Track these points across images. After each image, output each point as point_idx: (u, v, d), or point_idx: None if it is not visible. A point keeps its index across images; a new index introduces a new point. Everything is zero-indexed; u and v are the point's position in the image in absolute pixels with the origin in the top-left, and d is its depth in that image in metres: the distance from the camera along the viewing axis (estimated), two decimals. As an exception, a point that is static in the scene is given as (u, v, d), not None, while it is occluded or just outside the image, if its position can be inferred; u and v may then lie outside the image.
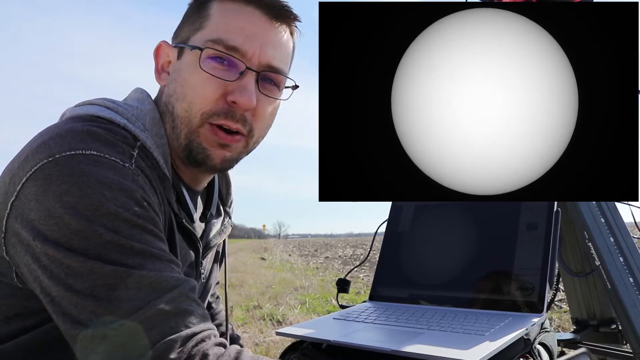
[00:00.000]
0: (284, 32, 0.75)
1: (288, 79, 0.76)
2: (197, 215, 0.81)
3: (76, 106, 0.70)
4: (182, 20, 0.76)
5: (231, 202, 0.94)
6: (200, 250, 0.80)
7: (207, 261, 0.88)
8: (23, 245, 0.57)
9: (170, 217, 0.69)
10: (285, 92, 0.78)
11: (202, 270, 0.84)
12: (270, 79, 0.73)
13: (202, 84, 0.69)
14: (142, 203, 0.58)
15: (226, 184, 0.93)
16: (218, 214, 0.89)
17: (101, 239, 0.54)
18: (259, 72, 0.71)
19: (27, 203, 0.56)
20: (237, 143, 0.72)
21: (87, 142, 0.58)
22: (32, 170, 0.56)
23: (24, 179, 0.57)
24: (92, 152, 0.58)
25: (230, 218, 0.92)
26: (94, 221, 0.54)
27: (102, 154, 0.58)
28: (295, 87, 0.78)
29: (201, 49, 0.69)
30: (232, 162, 0.74)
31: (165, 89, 0.74)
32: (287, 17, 0.74)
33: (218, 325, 1.07)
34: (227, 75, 0.69)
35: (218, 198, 0.89)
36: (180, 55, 0.73)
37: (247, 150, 0.76)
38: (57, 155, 0.56)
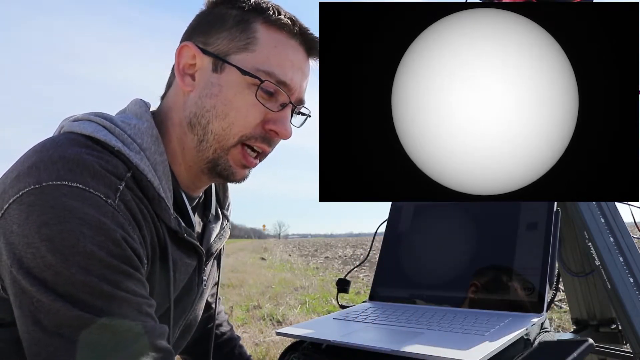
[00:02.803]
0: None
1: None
2: (196, 220, 0.81)
3: (74, 120, 0.69)
4: (209, 24, 0.74)
5: (229, 205, 0.94)
6: (204, 258, 0.80)
7: (208, 266, 0.88)
8: (4, 264, 0.58)
9: (163, 238, 0.69)
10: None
11: (204, 278, 0.84)
12: (299, 111, 0.78)
13: (247, 109, 0.72)
14: (120, 242, 0.59)
15: (223, 186, 0.93)
16: (216, 218, 0.89)
17: (73, 277, 0.55)
18: (295, 106, 0.76)
19: (10, 225, 0.57)
20: (257, 165, 0.78)
21: (74, 173, 0.58)
22: (20, 193, 0.57)
23: (11, 201, 0.57)
24: (78, 184, 0.58)
25: (228, 221, 0.92)
26: (68, 258, 0.55)
27: (87, 188, 0.58)
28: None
29: (261, 80, 0.70)
30: (248, 176, 0.79)
31: (195, 99, 0.73)
32: (317, 54, 0.77)
33: (218, 326, 1.07)
34: (271, 105, 0.73)
35: (215, 201, 0.89)
36: (217, 68, 0.72)
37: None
38: (44, 184, 0.57)
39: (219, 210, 0.90)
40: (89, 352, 0.54)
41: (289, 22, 0.73)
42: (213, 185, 0.89)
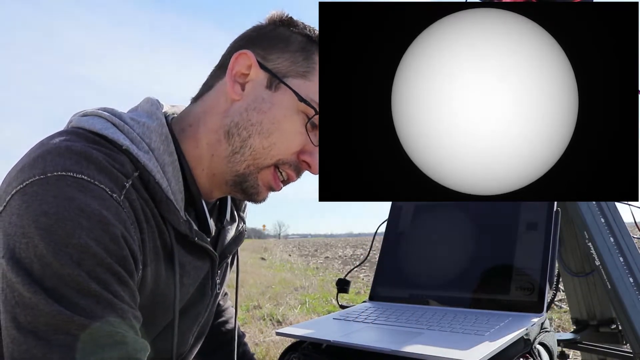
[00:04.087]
0: None
1: None
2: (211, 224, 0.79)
3: (83, 115, 0.67)
4: (271, 40, 0.73)
5: (245, 207, 0.92)
6: (217, 262, 0.78)
7: (223, 271, 0.86)
8: None
9: (169, 241, 0.67)
10: None
11: (218, 281, 0.82)
12: None
13: (293, 134, 0.71)
14: (118, 240, 0.56)
15: None
16: (232, 220, 0.86)
17: (61, 269, 0.52)
18: None
19: (9, 216, 0.55)
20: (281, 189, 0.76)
21: (81, 165, 0.57)
22: (24, 184, 0.55)
23: (14, 191, 0.56)
24: (84, 176, 0.56)
25: (244, 223, 0.90)
26: (61, 249, 0.53)
27: (92, 180, 0.56)
28: None
29: (316, 111, 0.70)
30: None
31: (241, 110, 0.71)
32: None
33: (225, 322, 1.06)
34: (314, 139, 0.72)
35: (232, 202, 0.87)
36: (272, 86, 0.71)
37: None
38: (49, 174, 0.55)
39: (234, 212, 0.88)
40: (63, 355, 0.51)
41: None
42: None
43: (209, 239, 0.75)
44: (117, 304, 0.55)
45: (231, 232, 0.84)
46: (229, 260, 0.91)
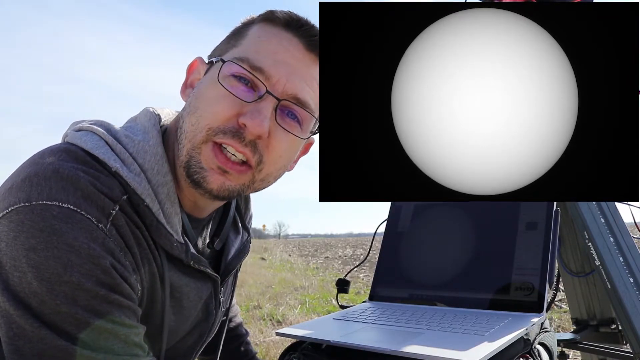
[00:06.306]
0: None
1: (315, 119, 0.71)
2: (203, 243, 0.77)
3: (78, 130, 0.66)
4: (222, 40, 0.73)
5: (250, 218, 0.91)
6: (219, 282, 0.77)
7: (228, 284, 0.85)
8: None
9: (161, 266, 0.65)
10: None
11: (222, 298, 0.81)
12: (292, 112, 0.68)
13: (216, 99, 0.65)
14: (109, 270, 0.56)
15: (245, 198, 0.89)
16: (236, 231, 0.85)
17: (58, 308, 0.53)
18: (279, 100, 0.66)
19: None
20: (240, 174, 0.66)
21: (67, 192, 0.56)
22: (9, 209, 0.55)
23: (0, 215, 0.56)
24: (69, 205, 0.55)
25: (249, 235, 0.87)
26: (54, 288, 0.53)
27: (78, 210, 0.56)
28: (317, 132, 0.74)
29: (223, 61, 0.66)
30: (232, 192, 0.67)
31: (185, 105, 0.70)
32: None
33: (229, 320, 1.05)
34: (244, 96, 0.65)
35: (236, 212, 0.85)
36: (207, 70, 0.70)
37: (253, 186, 0.69)
38: (34, 202, 0.54)
39: (239, 223, 0.86)
40: None
41: (285, 16, 0.69)
42: (233, 201, 0.83)
43: (205, 261, 0.72)
44: (120, 331, 0.56)
45: (235, 245, 0.83)
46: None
